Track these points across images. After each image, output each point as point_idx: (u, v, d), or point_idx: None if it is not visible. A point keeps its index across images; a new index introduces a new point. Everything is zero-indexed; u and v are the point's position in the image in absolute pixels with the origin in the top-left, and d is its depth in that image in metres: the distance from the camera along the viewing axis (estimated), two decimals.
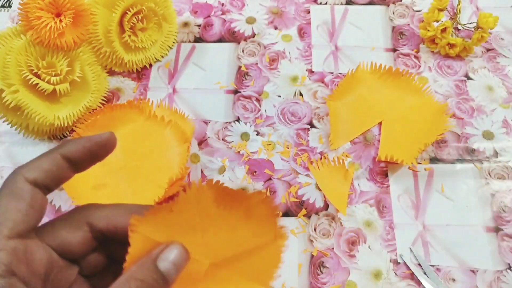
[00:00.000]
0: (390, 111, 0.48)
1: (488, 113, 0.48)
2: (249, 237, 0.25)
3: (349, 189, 0.44)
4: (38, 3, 0.39)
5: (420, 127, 0.46)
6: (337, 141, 0.46)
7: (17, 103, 0.40)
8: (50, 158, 0.23)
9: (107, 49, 0.48)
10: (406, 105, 0.48)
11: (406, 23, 0.54)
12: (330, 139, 0.46)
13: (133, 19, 0.47)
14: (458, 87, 0.49)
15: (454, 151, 0.46)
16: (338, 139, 0.46)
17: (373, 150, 0.46)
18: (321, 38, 0.53)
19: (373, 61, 0.49)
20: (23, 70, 0.40)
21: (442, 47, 0.51)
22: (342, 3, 0.56)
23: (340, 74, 0.50)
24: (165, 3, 0.49)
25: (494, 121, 0.47)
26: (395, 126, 0.47)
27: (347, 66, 0.51)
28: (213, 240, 0.24)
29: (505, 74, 0.50)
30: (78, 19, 0.42)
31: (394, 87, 0.49)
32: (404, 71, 0.49)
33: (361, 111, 0.48)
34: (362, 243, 0.41)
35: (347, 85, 0.48)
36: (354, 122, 0.47)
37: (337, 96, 0.48)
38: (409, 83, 0.49)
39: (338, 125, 0.46)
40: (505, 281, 0.39)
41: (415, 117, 0.47)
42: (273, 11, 0.55)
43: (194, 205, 0.24)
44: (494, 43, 0.52)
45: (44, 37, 0.40)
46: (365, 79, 0.49)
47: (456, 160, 0.45)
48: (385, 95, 0.49)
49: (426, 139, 0.45)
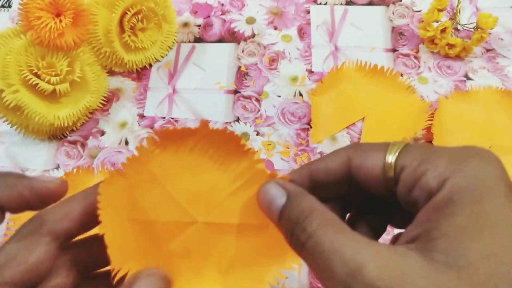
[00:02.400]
0: (373, 108, 0.48)
1: None
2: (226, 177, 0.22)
3: None
4: (38, 3, 0.39)
5: (401, 123, 0.47)
6: (318, 135, 0.46)
7: (17, 103, 0.40)
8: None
9: (107, 49, 0.48)
10: (389, 102, 0.48)
11: (406, 24, 0.54)
12: (311, 133, 0.46)
13: (133, 19, 0.47)
14: (458, 87, 0.49)
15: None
16: (319, 133, 0.46)
17: None
18: (321, 39, 0.53)
19: (373, 61, 0.49)
20: (23, 70, 0.40)
21: (442, 48, 0.51)
22: (342, 3, 0.56)
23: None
24: (165, 3, 0.49)
25: None
26: (377, 122, 0.47)
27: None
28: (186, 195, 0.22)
29: (504, 74, 0.50)
30: (78, 19, 0.42)
31: (379, 85, 0.49)
32: (389, 69, 0.49)
33: (343, 107, 0.48)
34: None
35: (331, 81, 0.49)
36: (336, 117, 0.48)
37: (320, 91, 0.48)
38: (394, 82, 0.49)
39: (319, 119, 0.47)
40: None
41: (398, 114, 0.48)
42: (273, 11, 0.55)
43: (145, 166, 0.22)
44: (494, 44, 0.52)
45: (44, 37, 0.40)
46: (349, 76, 0.50)
47: None
48: (369, 92, 0.49)
49: (405, 134, 0.45)
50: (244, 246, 0.22)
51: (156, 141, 0.22)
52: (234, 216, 0.22)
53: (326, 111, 0.48)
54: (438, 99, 0.48)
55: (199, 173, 0.22)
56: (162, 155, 0.22)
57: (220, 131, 0.22)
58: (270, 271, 0.22)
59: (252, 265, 0.23)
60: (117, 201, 0.22)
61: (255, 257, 0.23)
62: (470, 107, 0.47)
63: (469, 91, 0.48)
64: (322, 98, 0.48)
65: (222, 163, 0.22)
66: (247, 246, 0.22)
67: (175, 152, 0.22)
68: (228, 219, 0.22)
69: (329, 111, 0.48)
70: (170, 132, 0.22)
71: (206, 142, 0.22)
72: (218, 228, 0.22)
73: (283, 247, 0.21)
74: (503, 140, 0.45)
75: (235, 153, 0.22)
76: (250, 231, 0.23)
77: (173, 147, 0.22)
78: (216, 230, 0.22)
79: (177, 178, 0.22)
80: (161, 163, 0.22)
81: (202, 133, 0.22)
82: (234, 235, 0.22)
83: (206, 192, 0.22)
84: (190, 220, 0.22)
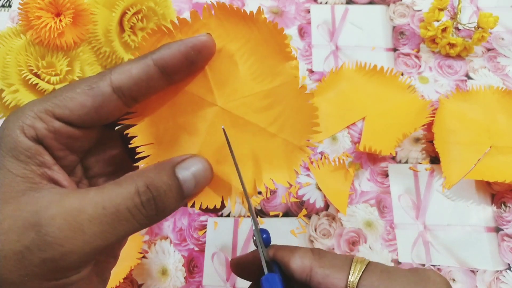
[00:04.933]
0: (373, 107, 0.48)
1: None
2: (267, 66, 0.22)
3: (350, 189, 0.44)
4: (38, 3, 0.39)
5: (402, 122, 0.47)
6: (317, 136, 0.46)
7: (17, 103, 0.40)
8: (141, 64, 0.21)
9: (106, 49, 0.47)
10: (390, 102, 0.48)
11: (407, 23, 0.54)
12: None
13: (133, 19, 0.47)
14: (459, 86, 0.49)
15: None
16: (319, 133, 0.47)
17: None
18: (321, 38, 0.53)
19: (374, 61, 0.49)
20: (23, 70, 0.40)
21: (443, 47, 0.50)
22: (342, 2, 0.55)
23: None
24: (165, 3, 0.49)
25: None
26: (377, 121, 0.47)
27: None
28: (219, 77, 0.22)
29: (505, 74, 0.50)
30: (78, 19, 0.42)
31: (379, 85, 0.49)
32: (388, 69, 0.49)
33: (343, 107, 0.48)
34: (362, 243, 0.41)
35: (331, 81, 0.49)
36: (337, 117, 0.48)
37: (320, 92, 0.49)
38: (394, 82, 0.49)
39: (320, 119, 0.47)
40: (504, 281, 0.39)
41: (398, 113, 0.48)
42: (274, 11, 0.55)
43: (199, 32, 0.22)
44: (495, 43, 0.52)
45: (44, 37, 0.40)
46: (349, 77, 0.50)
47: None
48: (369, 91, 0.49)
49: (406, 131, 0.45)
50: (250, 145, 0.22)
51: (211, 14, 0.22)
52: (251, 115, 0.22)
53: (326, 110, 0.48)
54: (438, 99, 0.48)
55: (236, 62, 0.22)
56: (214, 30, 0.22)
57: (271, 27, 0.22)
58: (271, 175, 0.22)
59: (252, 167, 0.23)
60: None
61: (256, 158, 0.22)
62: (470, 106, 0.47)
63: (469, 91, 0.48)
64: (322, 98, 0.48)
65: (262, 60, 0.22)
66: (253, 146, 0.22)
67: (225, 34, 0.22)
68: (245, 114, 0.22)
69: (329, 110, 0.48)
70: (229, 9, 0.22)
71: (255, 37, 0.22)
72: (233, 119, 0.22)
73: (290, 160, 0.22)
74: (503, 139, 0.45)
75: (277, 53, 0.22)
76: (261, 135, 0.22)
77: (226, 28, 0.22)
78: (230, 120, 0.22)
79: (217, 58, 0.22)
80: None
81: (210, 24, 0.22)
82: (244, 131, 0.22)
83: (236, 81, 0.22)
84: (211, 101, 0.22)
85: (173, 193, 0.20)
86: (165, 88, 0.22)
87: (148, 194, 0.19)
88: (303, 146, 0.23)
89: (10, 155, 0.19)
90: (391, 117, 0.47)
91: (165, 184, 0.20)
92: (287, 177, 0.22)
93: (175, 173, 0.20)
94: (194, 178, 0.21)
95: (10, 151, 0.19)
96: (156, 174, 0.20)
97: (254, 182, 0.22)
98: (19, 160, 0.19)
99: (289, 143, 0.22)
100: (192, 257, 0.41)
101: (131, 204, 0.19)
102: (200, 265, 0.41)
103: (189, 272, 0.40)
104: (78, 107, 0.20)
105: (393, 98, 0.48)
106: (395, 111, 0.48)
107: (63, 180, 0.20)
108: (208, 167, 0.22)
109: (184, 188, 0.20)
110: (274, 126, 0.22)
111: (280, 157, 0.22)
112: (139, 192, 0.19)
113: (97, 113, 0.21)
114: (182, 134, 0.22)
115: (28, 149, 0.19)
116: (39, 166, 0.20)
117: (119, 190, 0.19)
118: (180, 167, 0.20)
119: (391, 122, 0.47)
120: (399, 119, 0.47)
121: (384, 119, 0.47)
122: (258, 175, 0.22)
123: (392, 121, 0.47)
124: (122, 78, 0.21)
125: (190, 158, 0.21)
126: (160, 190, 0.20)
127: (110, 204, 0.19)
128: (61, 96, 0.20)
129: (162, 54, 0.21)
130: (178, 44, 0.21)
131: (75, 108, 0.20)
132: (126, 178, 0.20)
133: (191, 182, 0.21)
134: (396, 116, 0.47)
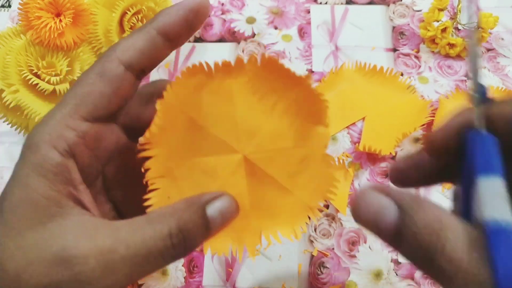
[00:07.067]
0: (373, 108, 0.48)
1: None
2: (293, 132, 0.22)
3: (350, 189, 0.44)
4: (38, 3, 0.39)
5: (401, 122, 0.47)
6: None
7: (17, 103, 0.40)
8: (145, 35, 0.21)
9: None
10: (389, 102, 0.48)
11: (406, 23, 0.54)
12: None
13: (133, 19, 0.47)
14: (459, 87, 0.49)
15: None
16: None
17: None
18: (321, 38, 0.53)
19: (374, 61, 0.49)
20: (23, 70, 0.40)
21: (443, 47, 0.50)
22: (342, 2, 0.56)
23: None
24: (165, 3, 0.49)
25: None
26: (377, 121, 0.47)
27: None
28: (249, 126, 0.22)
29: (505, 74, 0.50)
30: (78, 19, 0.42)
31: (379, 85, 0.49)
32: (388, 69, 0.49)
33: (343, 107, 0.48)
34: (362, 243, 0.41)
35: (330, 82, 0.49)
36: (336, 117, 0.48)
37: (320, 91, 0.48)
38: (393, 82, 0.49)
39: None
40: None
41: (398, 113, 0.48)
42: (273, 11, 0.55)
43: (238, 78, 0.22)
44: (494, 43, 0.52)
45: (44, 37, 0.40)
46: (349, 77, 0.49)
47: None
48: (369, 92, 0.49)
49: (406, 130, 0.45)
50: (263, 196, 0.22)
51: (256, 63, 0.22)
52: (273, 169, 0.22)
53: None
54: (438, 99, 0.48)
55: (270, 115, 0.22)
56: (254, 78, 0.22)
57: (316, 93, 0.22)
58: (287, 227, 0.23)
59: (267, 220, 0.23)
60: (184, 94, 0.22)
61: (266, 209, 0.23)
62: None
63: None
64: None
65: (296, 119, 0.23)
66: (266, 198, 0.23)
67: (264, 85, 0.22)
68: (266, 167, 0.22)
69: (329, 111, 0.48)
70: (277, 64, 0.22)
71: (257, 81, 0.22)
72: (253, 168, 0.22)
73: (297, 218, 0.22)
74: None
75: (312, 116, 0.23)
76: (276, 189, 0.22)
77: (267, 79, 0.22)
78: (250, 169, 0.22)
79: (252, 106, 0.22)
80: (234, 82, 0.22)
81: (253, 72, 0.22)
82: (260, 182, 0.22)
83: (266, 134, 0.22)
84: (236, 148, 0.22)
85: (201, 232, 0.20)
86: (185, 125, 0.22)
87: (179, 237, 0.19)
88: (314, 207, 0.23)
89: (36, 173, 0.18)
90: (391, 117, 0.47)
91: (196, 225, 0.20)
92: (293, 232, 0.23)
93: (205, 213, 0.20)
94: (221, 215, 0.21)
95: (37, 168, 0.18)
96: (188, 215, 0.20)
97: (260, 232, 0.22)
98: (46, 179, 0.18)
99: (301, 202, 0.23)
100: (192, 257, 0.41)
101: (163, 246, 0.19)
102: (200, 265, 0.41)
103: (189, 272, 0.40)
104: (99, 98, 0.20)
105: (393, 98, 0.48)
106: (395, 111, 0.48)
107: (87, 202, 0.20)
108: (234, 203, 0.22)
109: (211, 226, 0.20)
110: (291, 183, 0.23)
111: (289, 213, 0.23)
112: (171, 234, 0.19)
113: (117, 97, 0.20)
114: (199, 174, 0.22)
115: (57, 165, 0.19)
116: (65, 185, 0.19)
117: (151, 231, 0.19)
118: (210, 206, 0.20)
119: (391, 122, 0.47)
120: (399, 119, 0.47)
121: (384, 119, 0.47)
122: (265, 226, 0.22)
123: (392, 121, 0.47)
124: (130, 54, 0.20)
125: (220, 197, 0.21)
126: (191, 231, 0.20)
127: (142, 246, 0.18)
128: (76, 95, 0.20)
129: (164, 22, 0.21)
130: (176, 8, 0.21)
131: (97, 101, 0.20)
132: (159, 217, 0.19)
133: (218, 221, 0.21)
134: (396, 116, 0.47)
